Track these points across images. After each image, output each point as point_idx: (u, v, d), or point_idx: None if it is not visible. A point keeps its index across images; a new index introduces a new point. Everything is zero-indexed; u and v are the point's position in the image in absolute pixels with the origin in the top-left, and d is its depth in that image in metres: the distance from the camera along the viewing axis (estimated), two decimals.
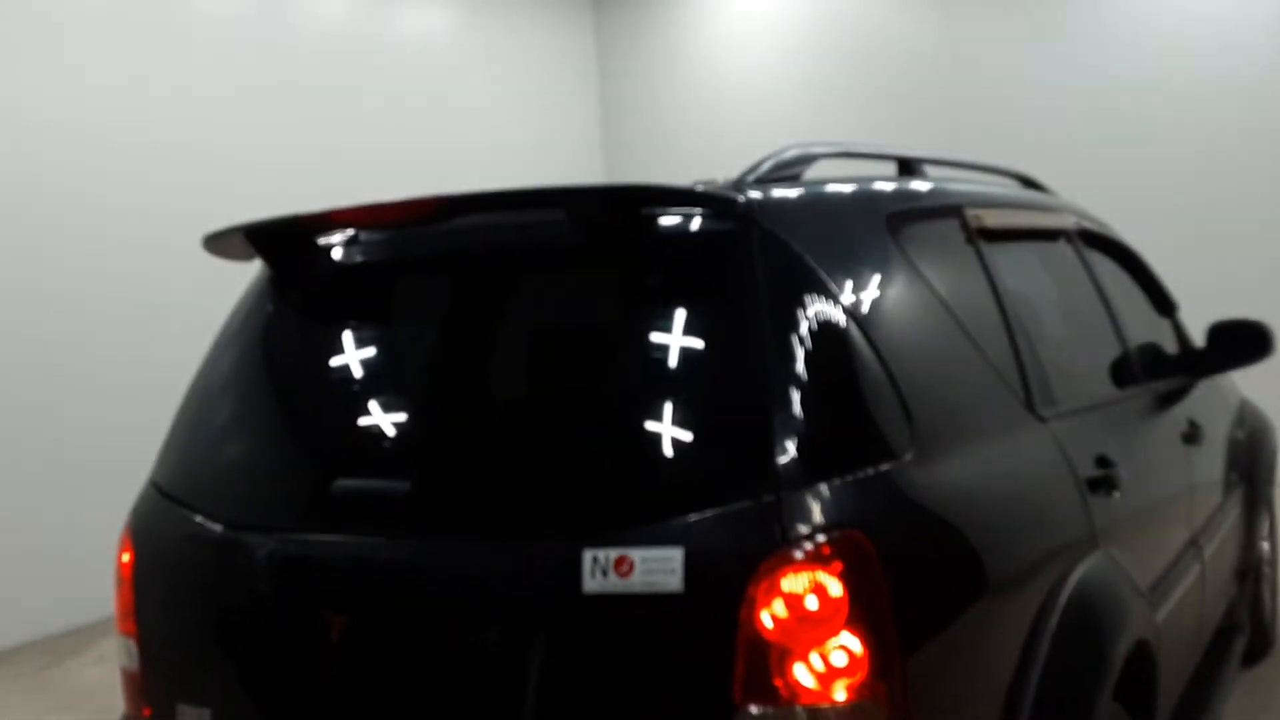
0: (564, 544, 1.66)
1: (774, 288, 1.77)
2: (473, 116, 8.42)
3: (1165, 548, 2.79)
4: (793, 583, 1.57)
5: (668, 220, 1.86)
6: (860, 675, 1.57)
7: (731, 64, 9.61)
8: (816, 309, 1.79)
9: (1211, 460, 3.55)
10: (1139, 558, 2.48)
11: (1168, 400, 3.19)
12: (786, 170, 2.09)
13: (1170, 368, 3.59)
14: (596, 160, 10.00)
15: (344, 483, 1.92)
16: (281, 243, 2.06)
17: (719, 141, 9.51)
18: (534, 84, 9.20)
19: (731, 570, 1.58)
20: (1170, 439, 3.06)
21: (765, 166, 2.06)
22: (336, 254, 2.09)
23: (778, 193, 1.94)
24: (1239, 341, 3.70)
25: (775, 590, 1.57)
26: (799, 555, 1.57)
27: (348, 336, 2.08)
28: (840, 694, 1.57)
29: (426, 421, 1.98)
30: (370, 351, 2.07)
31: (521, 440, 1.88)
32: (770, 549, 1.57)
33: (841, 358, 1.78)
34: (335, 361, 2.08)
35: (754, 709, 1.56)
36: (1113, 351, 3.05)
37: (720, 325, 1.76)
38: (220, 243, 2.10)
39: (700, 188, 1.87)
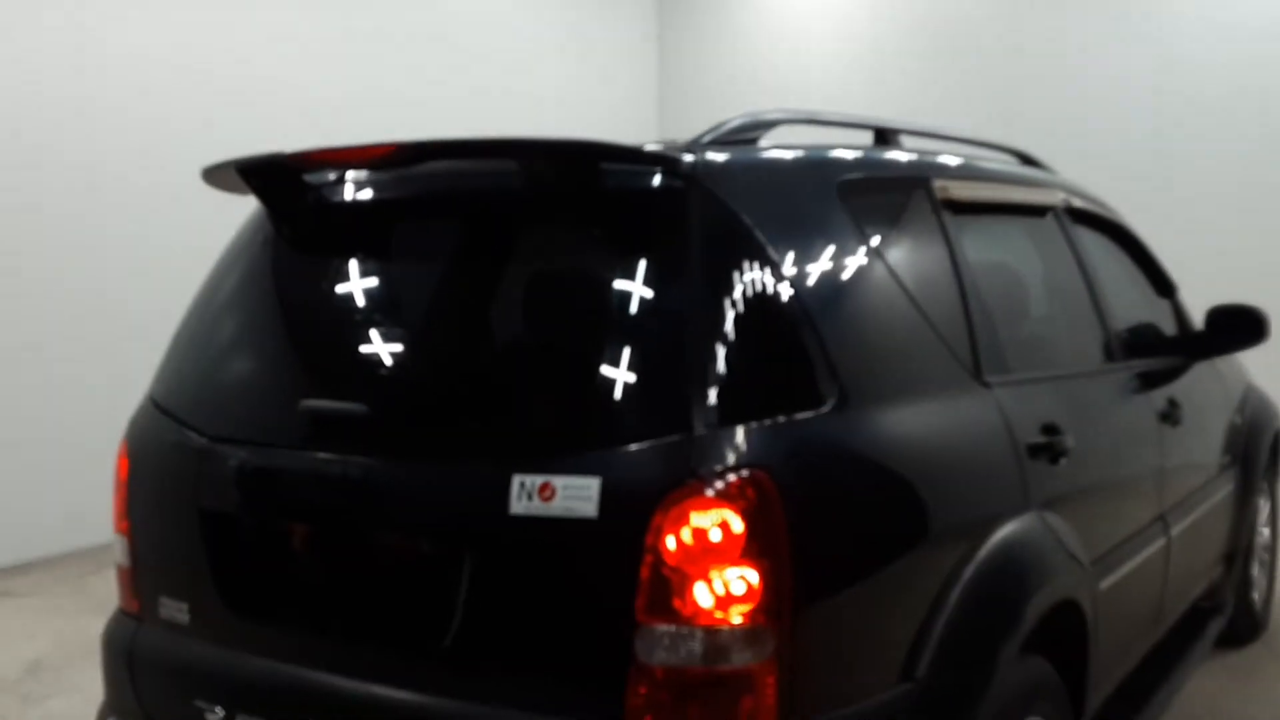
0: (496, 469, 1.82)
1: (707, 243, 1.90)
2: (528, 71, 8.56)
3: (1120, 520, 2.88)
4: (696, 515, 1.71)
5: (617, 176, 1.99)
6: (754, 604, 1.71)
7: (788, 29, 9.67)
8: (746, 266, 1.91)
9: (1196, 441, 3.61)
10: (1083, 525, 2.57)
11: (1149, 379, 3.26)
12: (744, 134, 2.21)
13: (1160, 348, 3.65)
14: (651, 116, 10.12)
15: (309, 404, 2.09)
16: (270, 179, 2.23)
17: (772, 98, 9.59)
18: (592, 36, 9.31)
19: (641, 500, 1.72)
20: (1143, 416, 3.13)
21: (724, 129, 2.18)
22: (318, 192, 2.25)
23: (723, 155, 2.06)
24: (1236, 326, 3.75)
25: (680, 521, 1.71)
26: (704, 491, 1.71)
27: (321, 269, 2.26)
28: (735, 619, 1.71)
29: (384, 352, 2.14)
30: (339, 284, 2.24)
31: (465, 373, 2.05)
32: (677, 483, 1.72)
33: (766, 313, 1.90)
34: (309, 292, 2.26)
35: (655, 626, 1.72)
36: (1091, 327, 3.12)
37: (652, 276, 1.89)
38: (218, 176, 2.27)
39: (651, 147, 2.00)
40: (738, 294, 1.88)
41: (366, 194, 2.22)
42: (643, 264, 1.91)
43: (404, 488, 1.97)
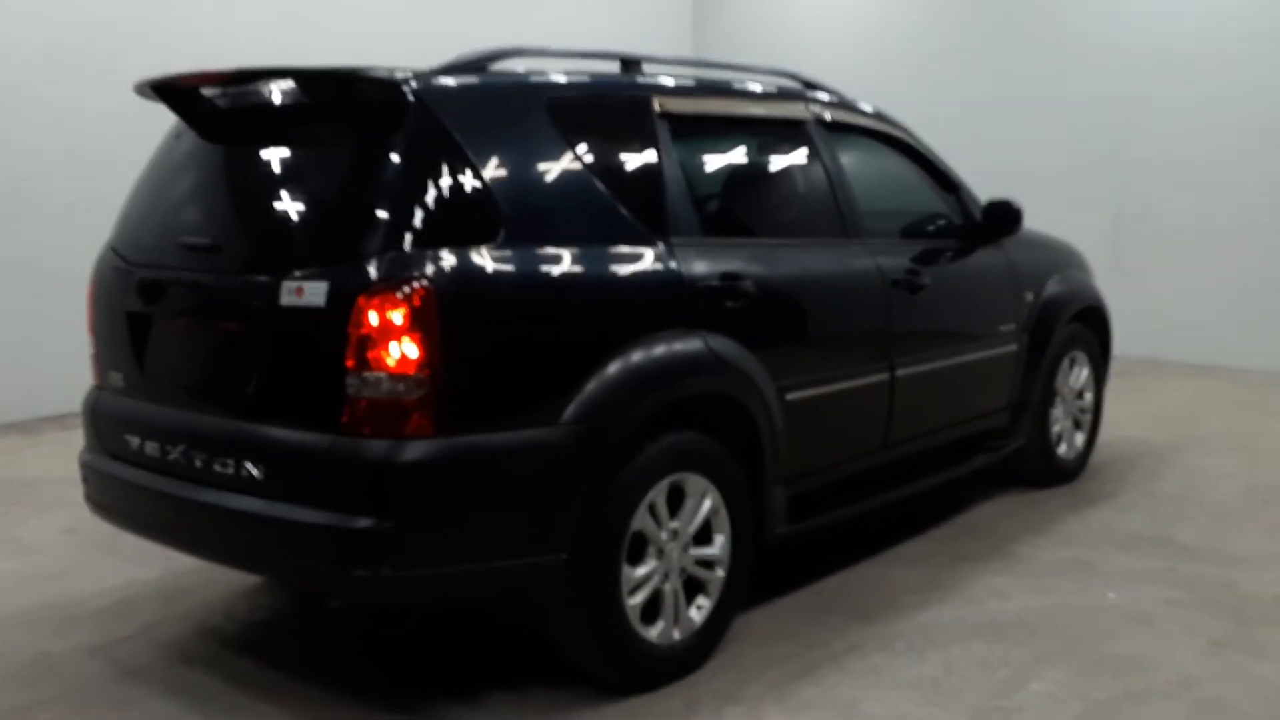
0: (273, 277, 2.95)
1: (415, 138, 2.95)
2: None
3: (819, 352, 3.86)
4: (380, 306, 2.79)
5: (364, 92, 3.07)
6: (416, 363, 2.79)
7: None
8: (440, 154, 2.94)
9: (950, 308, 4.53)
10: (762, 349, 3.56)
11: (887, 252, 4.20)
12: (477, 63, 3.25)
13: (925, 233, 4.58)
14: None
15: (181, 239, 3.26)
16: (172, 94, 3.36)
17: (799, 39, 10.52)
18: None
19: (349, 296, 2.82)
20: (867, 281, 4.07)
21: (460, 60, 3.23)
22: (197, 101, 3.37)
23: (443, 80, 3.10)
24: (1001, 217, 4.67)
25: (371, 309, 2.80)
26: (385, 291, 2.79)
27: (199, 154, 3.38)
28: (404, 370, 2.79)
29: (223, 207, 3.31)
30: (206, 162, 3.37)
31: (264, 222, 3.20)
32: (368, 286, 2.81)
33: (451, 184, 2.94)
34: (189, 168, 3.39)
35: (358, 373, 2.81)
36: (822, 211, 4.07)
37: (376, 161, 2.95)
38: (144, 89, 3.40)
39: (385, 73, 3.06)
40: (430, 172, 2.93)
41: (229, 104, 3.34)
42: (374, 152, 2.98)
43: (227, 290, 3.12)
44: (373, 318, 2.78)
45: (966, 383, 4.66)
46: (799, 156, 4.12)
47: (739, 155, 4.13)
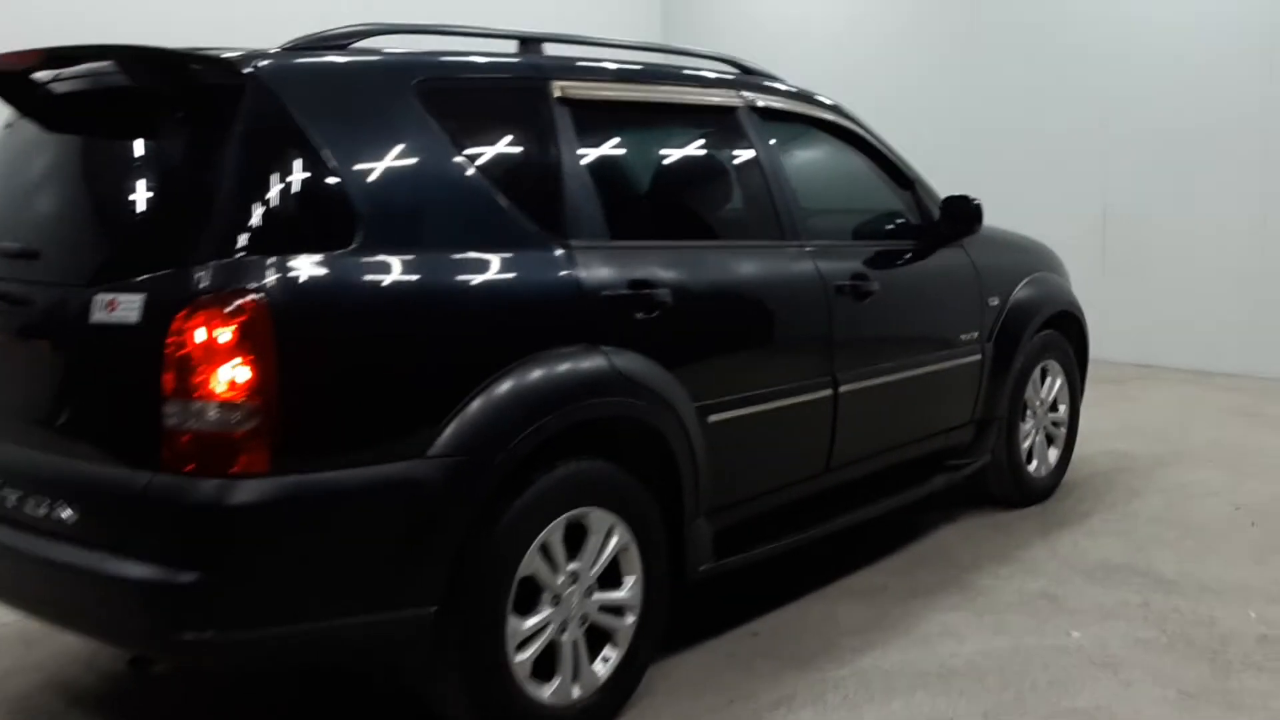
0: (85, 290, 2.55)
1: (253, 126, 2.55)
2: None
3: (745, 367, 3.45)
4: (203, 323, 2.39)
5: (201, 74, 2.67)
6: (246, 390, 2.39)
7: None
8: (283, 146, 2.56)
9: (903, 316, 4.13)
10: (682, 363, 3.17)
11: (831, 255, 3.79)
12: (337, 40, 2.85)
13: (878, 234, 4.18)
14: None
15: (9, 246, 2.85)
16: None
17: (772, 33, 10.17)
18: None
19: (167, 310, 2.42)
20: (808, 288, 3.66)
21: (315, 37, 2.83)
22: (23, 86, 2.95)
23: (289, 59, 2.70)
24: (960, 215, 4.27)
25: (192, 326, 2.40)
26: (209, 306, 2.39)
27: (24, 146, 2.98)
28: (231, 398, 2.39)
29: (36, 209, 2.90)
30: (28, 157, 2.97)
31: (85, 227, 2.80)
32: (189, 299, 2.41)
33: (292, 181, 2.55)
34: (14, 164, 2.99)
35: (176, 401, 2.42)
36: (755, 210, 3.67)
37: (206, 152, 2.56)
38: None
39: (223, 53, 2.66)
40: (270, 165, 2.54)
41: (50, 90, 2.93)
42: (206, 143, 2.59)
43: (43, 303, 2.73)
44: (195, 336, 2.39)
45: (922, 397, 4.27)
46: (729, 149, 3.72)
47: (657, 147, 3.73)
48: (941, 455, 4.54)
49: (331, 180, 2.60)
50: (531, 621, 2.85)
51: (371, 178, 2.68)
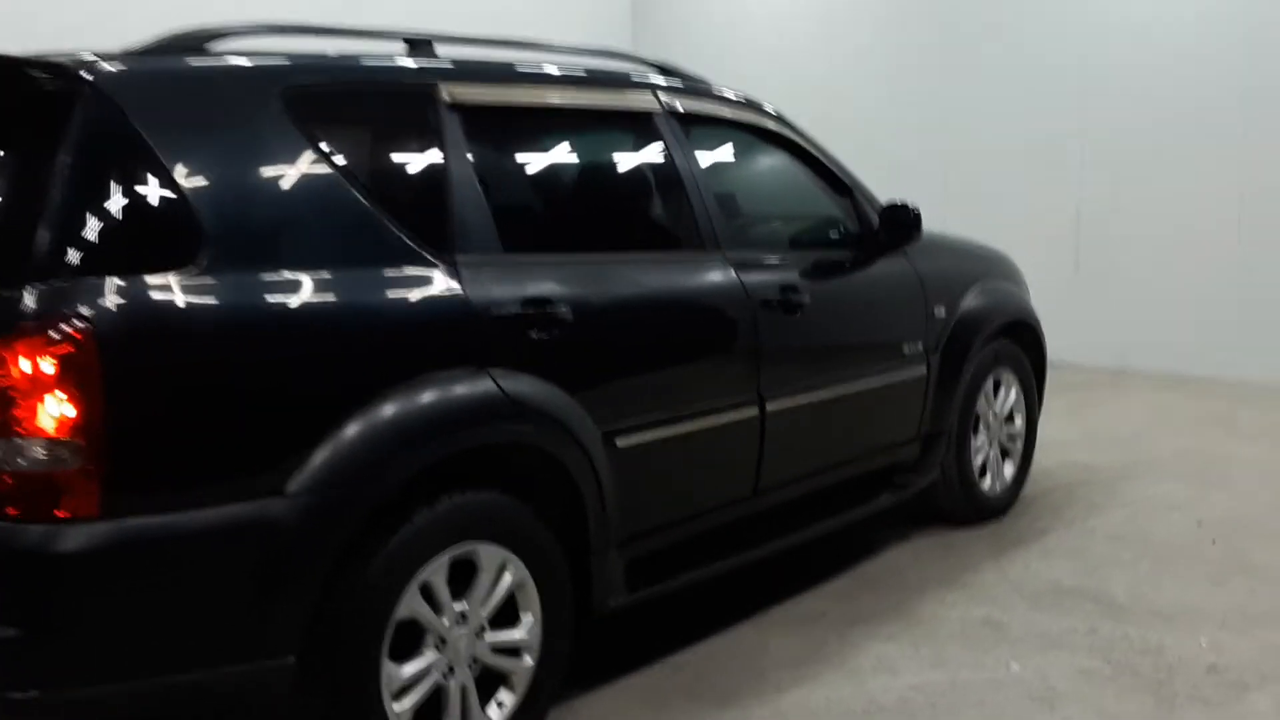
0: None
1: (86, 136, 2.33)
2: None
3: (658, 387, 3.24)
4: (22, 354, 2.18)
5: (30, 83, 2.46)
6: (74, 425, 2.19)
7: None
8: (121, 157, 2.35)
9: (838, 329, 3.92)
10: (586, 386, 2.97)
11: (758, 266, 3.59)
12: (191, 41, 2.64)
13: (813, 243, 3.98)
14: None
15: None
16: None
17: (742, 36, 9.99)
18: None
19: None
20: (730, 302, 3.46)
21: (167, 38, 2.62)
22: None
23: (131, 63, 2.49)
24: (899, 222, 4.06)
25: (11, 355, 2.19)
26: (29, 335, 2.18)
27: None
28: (55, 435, 2.18)
29: None
30: None
31: None
32: (9, 327, 2.20)
33: (130, 196, 2.35)
34: None
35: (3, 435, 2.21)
36: (670, 219, 3.47)
37: (42, 169, 2.35)
38: None
39: (58, 57, 2.45)
40: (105, 179, 2.33)
41: None
42: (37, 155, 2.37)
43: None
44: (16, 367, 2.18)
45: (861, 413, 4.06)
46: (643, 155, 3.52)
47: (561, 154, 3.52)
48: (887, 472, 4.33)
49: (175, 195, 2.39)
50: (412, 667, 2.64)
51: (223, 192, 2.47)
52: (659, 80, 3.63)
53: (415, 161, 2.87)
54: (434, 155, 2.87)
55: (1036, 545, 4.47)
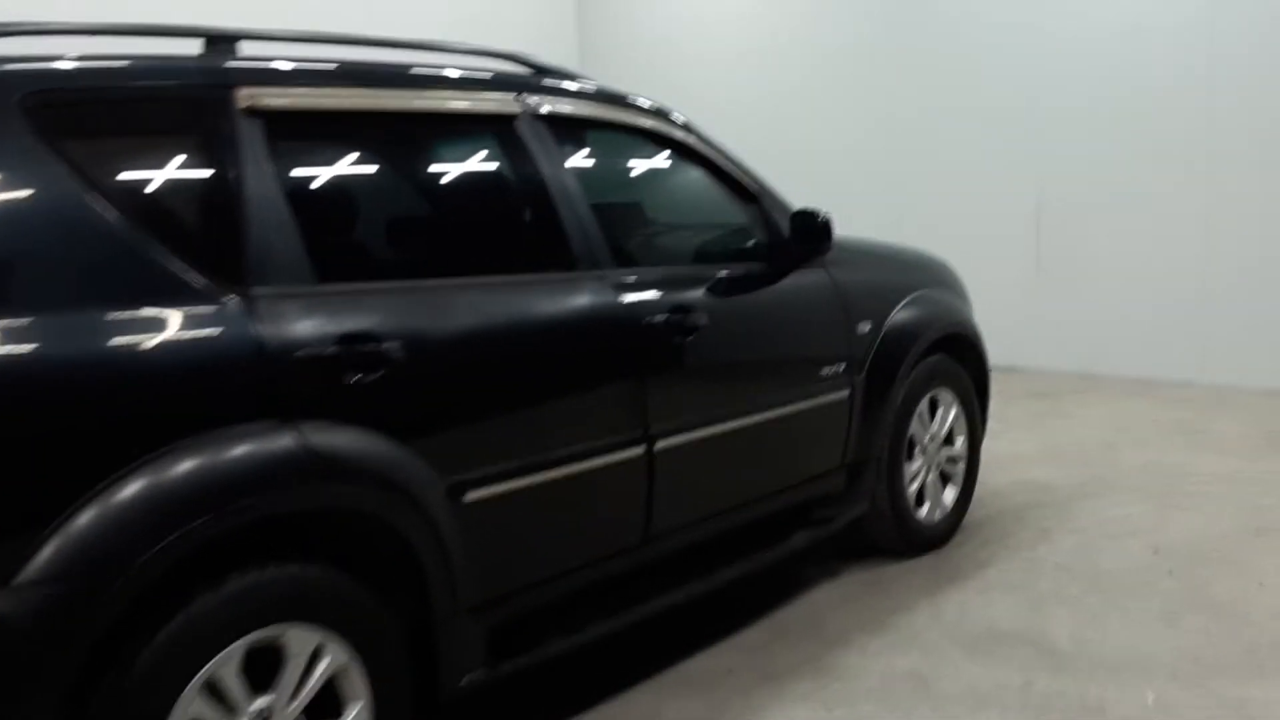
0: None
1: None
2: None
3: (516, 429, 2.83)
4: None
5: None
6: None
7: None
8: None
9: (739, 353, 3.52)
10: (423, 433, 2.57)
11: (643, 286, 3.19)
12: None
13: (714, 256, 3.58)
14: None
15: None
16: None
17: (691, 40, 9.61)
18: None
19: None
20: (599, 325, 3.06)
21: None
22: None
23: None
24: (810, 232, 3.67)
25: None
26: None
27: None
28: None
29: None
30: None
31: None
32: None
33: None
34: None
35: None
36: (532, 236, 3.07)
37: None
38: None
39: None
40: None
41: None
42: None
43: None
44: None
45: (773, 445, 3.66)
46: (499, 165, 3.12)
47: (396, 166, 3.10)
48: (807, 507, 3.93)
49: None
50: None
51: None
52: (526, 80, 3.22)
53: (199, 179, 2.46)
54: (225, 171, 2.46)
55: (976, 580, 4.08)
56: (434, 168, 3.13)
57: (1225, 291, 7.04)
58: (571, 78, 3.39)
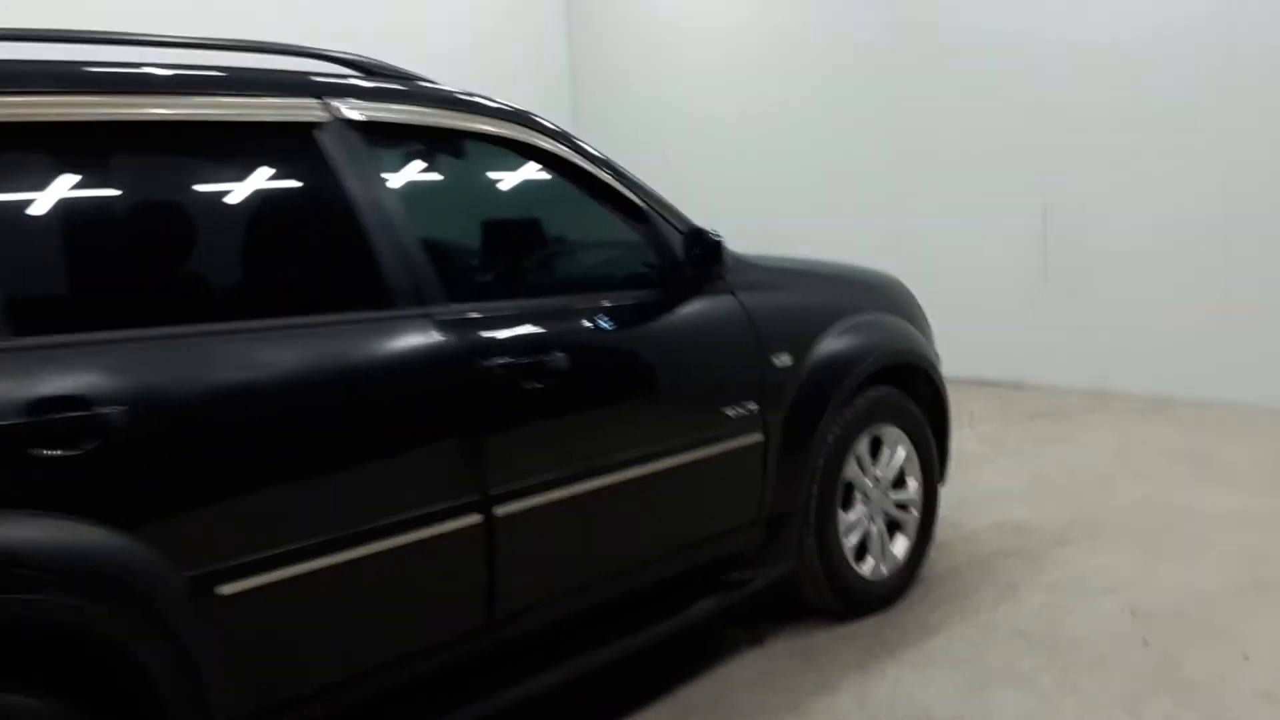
0: None
1: None
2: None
3: (296, 502, 2.36)
4: None
5: None
6: None
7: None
8: None
9: (611, 398, 3.02)
10: (157, 517, 2.12)
11: (484, 324, 2.71)
12: None
13: (569, 285, 3.09)
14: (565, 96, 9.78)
15: None
16: None
17: (682, 41, 9.21)
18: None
19: None
20: (417, 372, 2.58)
21: None
22: None
23: None
24: (703, 252, 3.18)
25: None
26: None
27: None
28: None
29: None
30: None
31: None
32: None
33: None
34: None
35: None
36: (332, 270, 2.59)
37: None
38: None
39: None
40: None
41: None
42: None
43: None
44: None
45: (659, 502, 3.16)
46: (287, 182, 2.63)
47: (140, 189, 2.52)
48: (717, 568, 3.42)
49: None
50: None
51: None
52: (342, 84, 2.74)
53: None
54: None
55: (918, 650, 3.54)
56: (194, 189, 2.63)
57: (1245, 305, 6.41)
58: (411, 79, 2.91)
